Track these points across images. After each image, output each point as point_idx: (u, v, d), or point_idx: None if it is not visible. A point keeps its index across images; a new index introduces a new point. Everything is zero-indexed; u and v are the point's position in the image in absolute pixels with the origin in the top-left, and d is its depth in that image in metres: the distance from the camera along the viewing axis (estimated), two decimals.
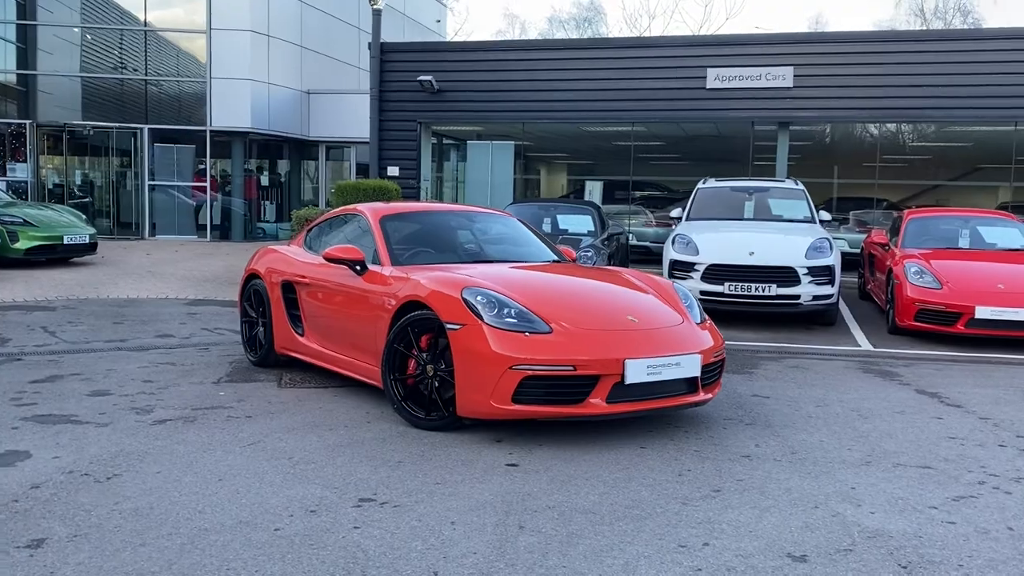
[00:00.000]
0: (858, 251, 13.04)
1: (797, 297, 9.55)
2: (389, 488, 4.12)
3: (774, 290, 9.53)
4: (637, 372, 4.82)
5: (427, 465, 4.49)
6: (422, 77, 15.80)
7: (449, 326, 4.98)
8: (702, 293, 9.40)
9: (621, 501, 3.97)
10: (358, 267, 5.93)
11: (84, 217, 15.18)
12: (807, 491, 4.16)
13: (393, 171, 16.20)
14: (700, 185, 11.86)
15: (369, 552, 3.35)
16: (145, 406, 5.67)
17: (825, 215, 11.31)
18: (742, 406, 5.94)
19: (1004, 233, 10.56)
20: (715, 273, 9.60)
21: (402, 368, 5.36)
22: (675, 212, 11.83)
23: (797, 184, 11.76)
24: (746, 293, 9.53)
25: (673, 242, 10.21)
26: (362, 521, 3.67)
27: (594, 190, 16.82)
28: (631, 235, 14.81)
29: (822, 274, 9.62)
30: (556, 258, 6.65)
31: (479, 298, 5.00)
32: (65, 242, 13.77)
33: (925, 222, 10.96)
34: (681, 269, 9.75)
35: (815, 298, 9.61)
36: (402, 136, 16.38)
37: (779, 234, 10.39)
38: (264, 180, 23.24)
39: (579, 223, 11.80)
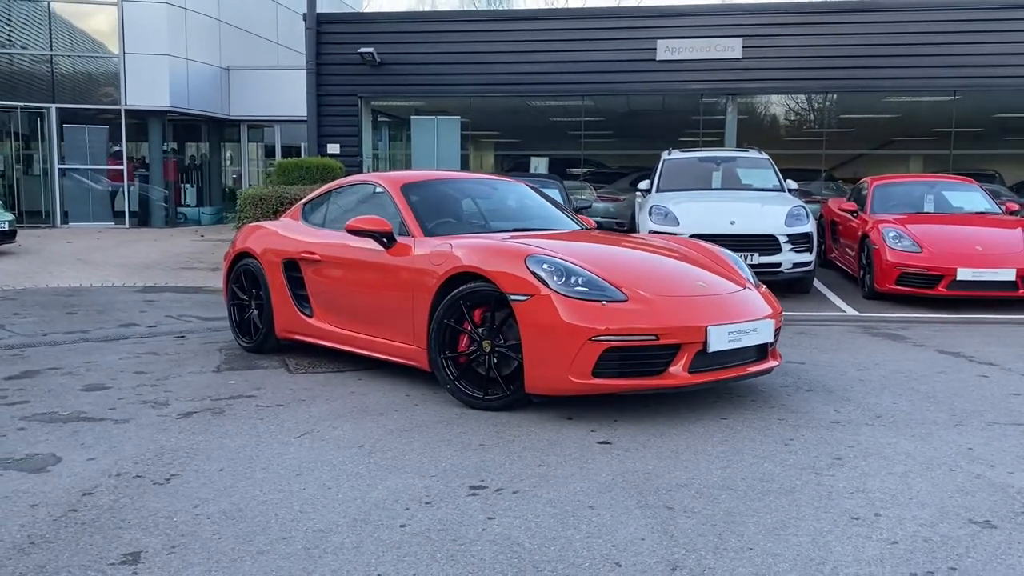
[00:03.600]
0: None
1: (778, 265, 9.53)
2: (491, 473, 3.74)
3: (756, 259, 9.45)
4: (719, 339, 4.57)
5: (515, 447, 4.12)
6: (363, 49, 15.11)
7: (514, 298, 4.61)
8: None
9: (750, 475, 3.70)
10: (385, 240, 5.48)
11: (1, 203, 13.98)
12: (929, 454, 3.98)
13: (334, 148, 15.47)
14: (665, 156, 11.68)
15: (525, 545, 2.98)
16: (156, 399, 5.11)
17: (792, 184, 11.32)
18: (787, 373, 5.77)
19: (967, 197, 10.79)
20: None
21: (452, 345, 4.96)
22: (643, 184, 11.64)
23: (762, 153, 11.72)
24: None
25: (650, 213, 10.00)
26: (492, 511, 3.29)
27: (540, 166, 16.50)
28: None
29: (801, 241, 9.62)
30: (579, 227, 6.33)
31: (545, 266, 4.64)
32: None
33: (890, 188, 11.09)
34: None
35: (795, 265, 9.61)
36: (342, 112, 15.65)
37: (757, 203, 10.34)
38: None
39: None
